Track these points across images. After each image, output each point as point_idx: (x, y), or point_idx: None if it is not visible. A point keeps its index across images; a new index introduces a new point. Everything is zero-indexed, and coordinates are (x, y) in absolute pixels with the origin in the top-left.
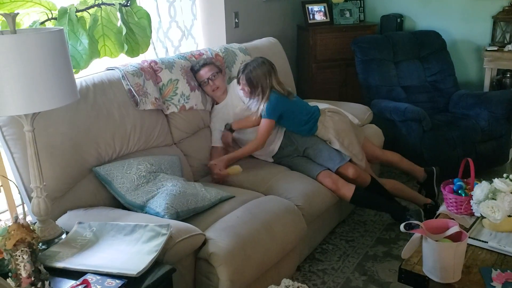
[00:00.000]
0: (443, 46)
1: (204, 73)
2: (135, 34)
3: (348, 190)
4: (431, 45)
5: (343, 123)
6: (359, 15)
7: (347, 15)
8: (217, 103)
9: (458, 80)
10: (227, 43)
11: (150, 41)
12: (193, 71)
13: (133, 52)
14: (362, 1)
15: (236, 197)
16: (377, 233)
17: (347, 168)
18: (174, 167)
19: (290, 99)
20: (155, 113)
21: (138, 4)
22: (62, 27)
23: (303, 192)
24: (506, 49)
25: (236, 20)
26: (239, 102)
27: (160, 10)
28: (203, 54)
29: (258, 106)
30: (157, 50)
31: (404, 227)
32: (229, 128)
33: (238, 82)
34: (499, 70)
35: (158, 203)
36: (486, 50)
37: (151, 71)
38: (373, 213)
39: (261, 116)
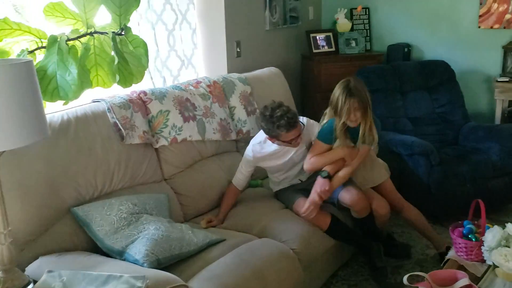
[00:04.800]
0: (451, 76)
1: (293, 134)
2: (129, 64)
3: (323, 223)
4: (439, 75)
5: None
6: (365, 44)
7: (353, 44)
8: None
9: (468, 111)
10: (228, 72)
11: (147, 71)
12: (289, 126)
13: (126, 82)
14: (368, 30)
15: (227, 240)
16: None
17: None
18: (161, 207)
19: None
20: (143, 147)
21: (134, 33)
22: (30, 59)
23: (299, 234)
24: None
25: (238, 49)
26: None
27: (159, 39)
28: (201, 82)
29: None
30: (154, 80)
31: (408, 279)
32: (326, 176)
33: (350, 109)
34: (511, 101)
35: (138, 249)
36: (497, 81)
37: (140, 103)
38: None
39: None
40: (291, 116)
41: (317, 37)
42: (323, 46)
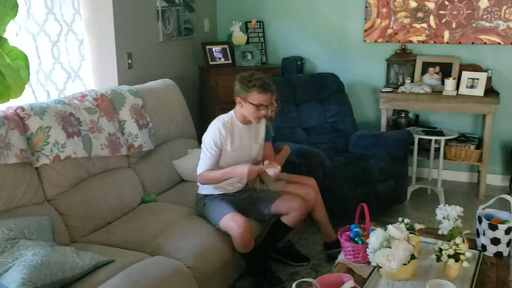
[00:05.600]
0: (341, 88)
1: (263, 99)
2: (6, 77)
3: (249, 245)
4: (329, 87)
5: None
6: (261, 57)
7: (249, 57)
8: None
9: (357, 121)
10: (119, 84)
11: (28, 85)
12: (262, 87)
13: (2, 97)
14: (263, 44)
15: (116, 261)
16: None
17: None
18: (42, 230)
19: None
20: (21, 167)
21: (12, 45)
22: None
23: (195, 250)
24: (399, 90)
25: (130, 61)
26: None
27: (41, 51)
28: (87, 95)
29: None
30: (37, 94)
31: (296, 285)
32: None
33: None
34: (395, 110)
35: (13, 278)
36: (381, 92)
37: (17, 119)
38: (275, 262)
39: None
40: (269, 82)
41: (213, 49)
42: (219, 58)
